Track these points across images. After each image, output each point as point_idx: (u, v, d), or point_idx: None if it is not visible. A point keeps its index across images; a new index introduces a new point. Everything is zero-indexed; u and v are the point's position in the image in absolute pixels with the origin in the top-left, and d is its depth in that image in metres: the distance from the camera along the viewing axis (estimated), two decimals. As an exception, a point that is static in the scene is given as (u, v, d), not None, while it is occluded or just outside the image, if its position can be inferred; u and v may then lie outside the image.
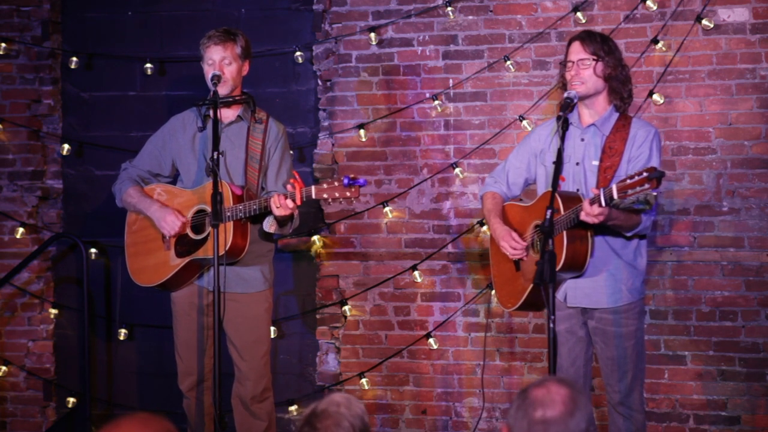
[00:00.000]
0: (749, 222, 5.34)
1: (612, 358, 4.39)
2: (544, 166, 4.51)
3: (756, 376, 5.33)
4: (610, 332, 4.37)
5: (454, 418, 5.68)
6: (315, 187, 4.44)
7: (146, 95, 6.00)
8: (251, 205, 4.57)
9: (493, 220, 4.57)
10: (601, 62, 4.35)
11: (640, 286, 4.42)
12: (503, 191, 4.66)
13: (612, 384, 4.43)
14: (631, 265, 4.38)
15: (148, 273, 4.83)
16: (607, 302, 4.37)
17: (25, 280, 5.99)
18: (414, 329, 5.71)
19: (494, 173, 4.73)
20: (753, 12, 5.31)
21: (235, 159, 4.76)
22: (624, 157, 4.34)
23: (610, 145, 4.36)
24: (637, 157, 4.32)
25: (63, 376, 6.07)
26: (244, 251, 4.66)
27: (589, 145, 4.40)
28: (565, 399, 2.46)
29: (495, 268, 4.69)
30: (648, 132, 4.38)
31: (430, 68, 5.68)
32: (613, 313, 4.37)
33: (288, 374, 5.87)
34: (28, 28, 5.99)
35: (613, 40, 4.49)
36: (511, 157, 4.68)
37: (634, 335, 4.39)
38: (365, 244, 5.77)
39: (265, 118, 4.83)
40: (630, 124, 4.40)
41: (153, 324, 5.86)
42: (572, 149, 4.42)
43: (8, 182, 6.01)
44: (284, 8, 5.89)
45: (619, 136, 4.37)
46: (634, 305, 4.40)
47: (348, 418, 2.59)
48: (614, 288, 4.36)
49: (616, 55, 4.40)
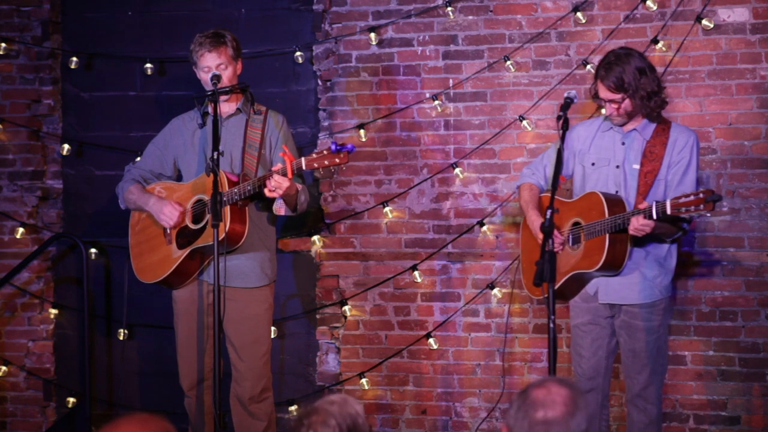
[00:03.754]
0: (749, 222, 5.34)
1: (633, 350, 4.52)
2: (582, 165, 4.63)
3: (756, 376, 5.33)
4: (635, 326, 4.51)
5: (454, 418, 5.68)
6: (304, 158, 4.44)
7: (146, 95, 6.00)
8: (245, 186, 4.56)
9: (531, 212, 4.68)
10: (628, 99, 4.42)
11: (669, 285, 4.57)
12: (540, 183, 4.76)
13: (631, 376, 4.56)
14: (660, 263, 4.52)
15: (152, 269, 4.83)
16: (638, 298, 4.50)
17: (25, 280, 5.99)
18: (414, 329, 5.71)
19: (532, 165, 4.84)
20: (753, 12, 5.31)
21: (234, 148, 4.77)
22: (664, 162, 4.45)
23: (651, 149, 4.47)
24: (678, 162, 4.45)
25: (63, 376, 6.07)
26: (243, 237, 4.65)
27: (630, 148, 4.51)
28: (566, 400, 2.46)
29: (525, 256, 4.81)
30: (688, 137, 4.49)
31: (430, 68, 5.68)
32: (641, 308, 4.50)
33: (288, 374, 5.87)
34: (28, 28, 5.99)
35: (631, 56, 4.47)
36: (549, 151, 4.78)
37: (658, 330, 4.53)
38: (365, 244, 5.77)
39: (264, 110, 4.84)
40: (669, 129, 4.51)
41: (153, 324, 5.86)
42: (612, 152, 4.55)
43: (8, 182, 6.01)
44: (284, 8, 5.89)
45: (659, 140, 4.47)
46: (661, 302, 4.54)
47: (336, 417, 2.57)
48: (644, 285, 4.49)
49: (641, 80, 4.41)
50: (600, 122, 4.65)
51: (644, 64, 4.46)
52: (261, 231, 4.79)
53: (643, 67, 4.44)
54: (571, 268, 4.53)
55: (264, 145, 4.79)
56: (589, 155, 4.60)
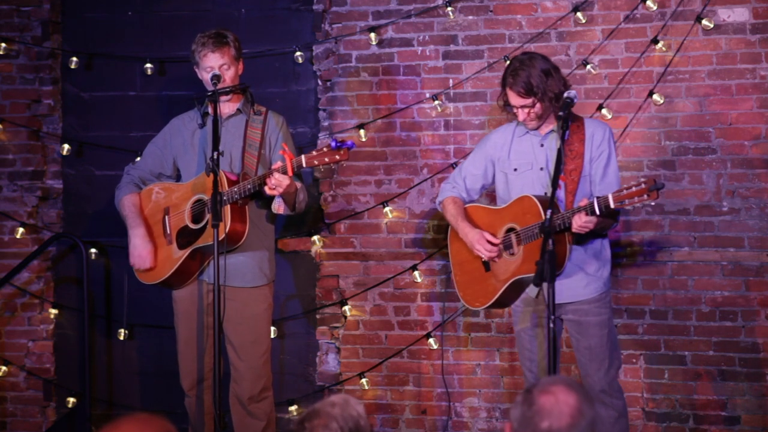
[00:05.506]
0: (749, 222, 5.34)
1: (589, 348, 4.54)
2: (504, 173, 4.64)
3: (756, 376, 5.33)
4: (587, 322, 4.53)
5: (454, 418, 5.68)
6: (305, 156, 4.44)
7: (146, 95, 6.00)
8: (245, 185, 4.56)
9: (461, 224, 4.66)
10: (538, 102, 4.44)
11: (608, 276, 4.59)
12: (462, 196, 4.77)
13: (591, 374, 4.56)
14: (597, 256, 4.54)
15: (153, 270, 4.83)
16: (585, 293, 4.52)
17: (25, 280, 5.99)
18: (414, 329, 5.71)
19: (450, 179, 4.84)
20: (753, 12, 5.31)
21: (234, 148, 4.77)
22: (585, 158, 4.49)
23: (570, 147, 4.48)
24: (599, 156, 4.49)
25: (63, 376, 6.07)
26: (243, 236, 4.65)
27: (550, 149, 4.52)
28: (573, 411, 2.46)
29: (458, 268, 4.77)
30: (603, 130, 4.54)
31: (430, 68, 5.68)
32: (590, 303, 4.52)
33: (288, 374, 5.87)
34: (28, 28, 5.99)
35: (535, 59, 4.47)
36: (466, 164, 4.81)
37: (608, 324, 4.57)
38: (365, 244, 5.77)
39: (264, 111, 4.84)
40: (584, 125, 4.53)
41: (153, 324, 5.86)
42: (533, 156, 4.57)
43: (8, 182, 6.01)
44: (284, 8, 5.89)
45: (576, 138, 4.50)
46: (606, 294, 4.57)
47: (338, 420, 2.55)
48: (589, 279, 4.52)
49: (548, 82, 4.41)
50: (514, 127, 4.66)
51: (548, 65, 4.47)
52: (260, 230, 4.79)
53: (548, 68, 4.45)
54: (512, 275, 4.50)
55: (264, 144, 4.79)
56: (510, 161, 4.61)
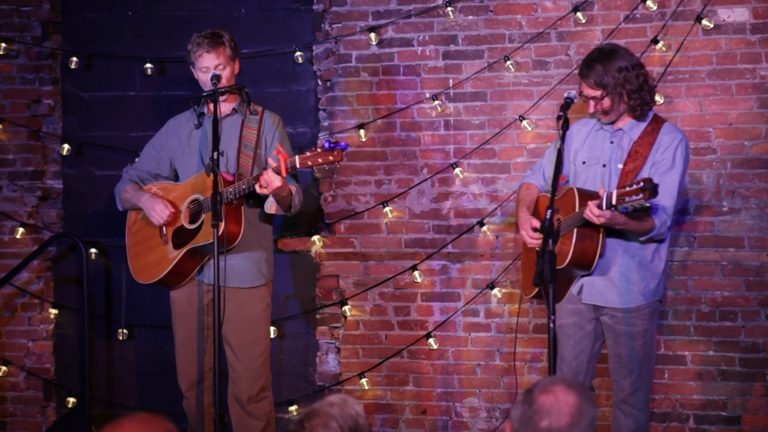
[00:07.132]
0: (749, 222, 5.34)
1: (619, 355, 4.48)
2: (574, 164, 4.60)
3: (756, 376, 5.33)
4: (619, 330, 4.46)
5: (454, 418, 5.68)
6: (298, 157, 4.44)
7: (146, 95, 6.00)
8: (240, 185, 4.56)
9: (519, 210, 4.67)
10: (608, 96, 4.39)
11: (655, 289, 4.48)
12: (540, 183, 4.74)
13: (618, 381, 4.52)
14: (645, 267, 4.44)
15: (149, 270, 4.83)
16: (619, 302, 4.44)
17: (25, 280, 5.99)
18: (414, 329, 5.71)
19: (534, 166, 4.84)
20: (753, 12, 5.31)
21: (230, 148, 4.77)
22: (647, 162, 4.39)
23: (636, 149, 4.43)
24: (660, 162, 4.39)
25: (63, 376, 6.07)
26: (238, 237, 4.64)
27: (617, 147, 4.48)
28: (573, 410, 2.46)
29: (523, 255, 4.81)
30: (674, 138, 4.42)
31: (430, 68, 5.68)
32: (624, 313, 4.44)
33: (288, 374, 5.87)
34: (28, 28, 5.99)
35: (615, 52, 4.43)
36: (548, 152, 4.77)
37: (643, 335, 4.46)
38: (365, 244, 5.77)
39: (260, 110, 4.84)
40: (659, 130, 4.44)
41: (152, 324, 5.86)
42: (600, 151, 4.52)
43: (8, 182, 6.01)
44: (284, 8, 5.89)
45: (647, 141, 4.43)
46: (645, 307, 4.46)
47: (337, 419, 2.55)
48: (627, 289, 4.42)
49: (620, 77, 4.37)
50: (595, 121, 4.63)
51: (627, 62, 4.40)
52: (257, 231, 4.79)
53: (626, 65, 4.39)
54: None
55: (260, 144, 4.78)
56: (581, 154, 4.58)
